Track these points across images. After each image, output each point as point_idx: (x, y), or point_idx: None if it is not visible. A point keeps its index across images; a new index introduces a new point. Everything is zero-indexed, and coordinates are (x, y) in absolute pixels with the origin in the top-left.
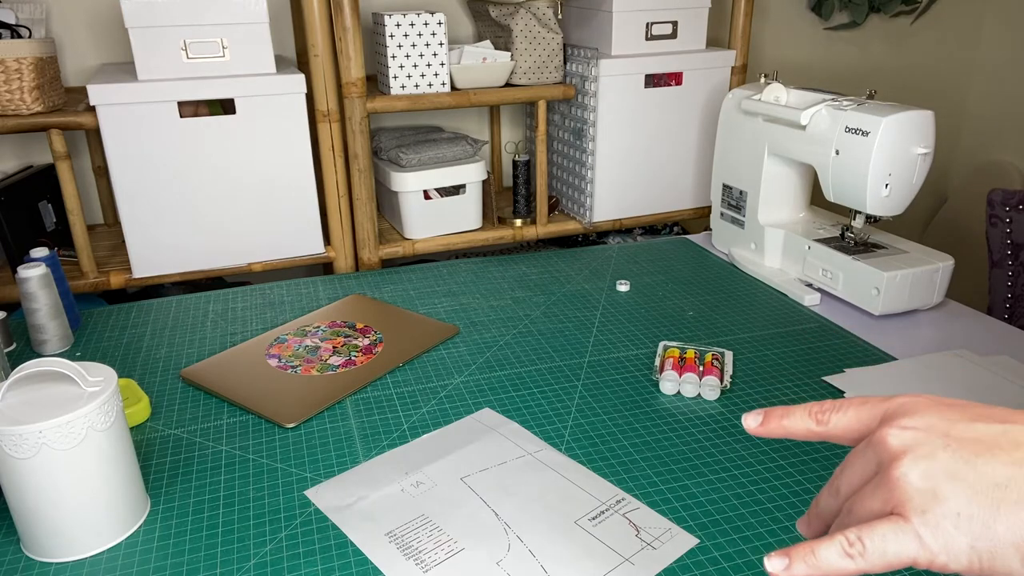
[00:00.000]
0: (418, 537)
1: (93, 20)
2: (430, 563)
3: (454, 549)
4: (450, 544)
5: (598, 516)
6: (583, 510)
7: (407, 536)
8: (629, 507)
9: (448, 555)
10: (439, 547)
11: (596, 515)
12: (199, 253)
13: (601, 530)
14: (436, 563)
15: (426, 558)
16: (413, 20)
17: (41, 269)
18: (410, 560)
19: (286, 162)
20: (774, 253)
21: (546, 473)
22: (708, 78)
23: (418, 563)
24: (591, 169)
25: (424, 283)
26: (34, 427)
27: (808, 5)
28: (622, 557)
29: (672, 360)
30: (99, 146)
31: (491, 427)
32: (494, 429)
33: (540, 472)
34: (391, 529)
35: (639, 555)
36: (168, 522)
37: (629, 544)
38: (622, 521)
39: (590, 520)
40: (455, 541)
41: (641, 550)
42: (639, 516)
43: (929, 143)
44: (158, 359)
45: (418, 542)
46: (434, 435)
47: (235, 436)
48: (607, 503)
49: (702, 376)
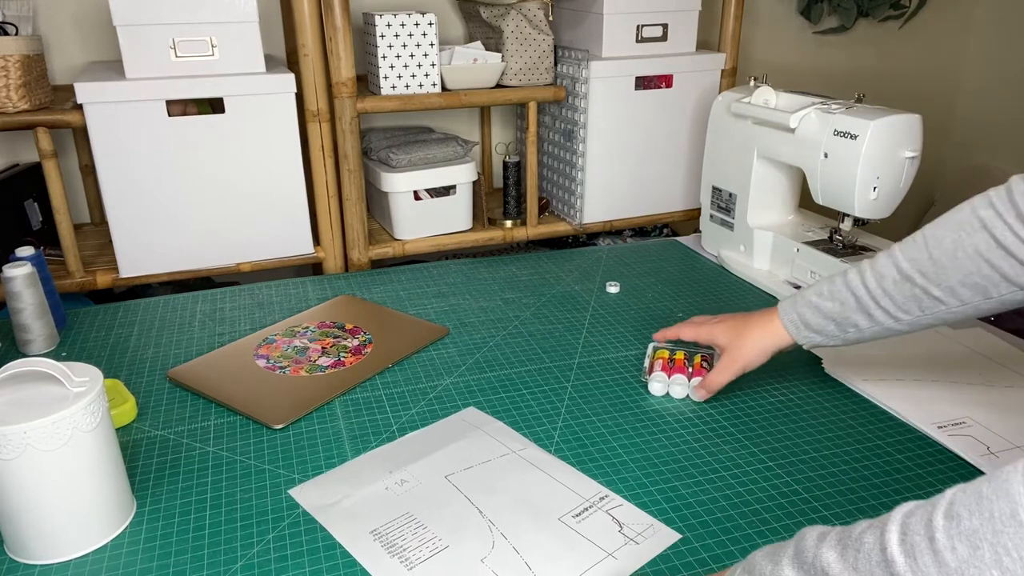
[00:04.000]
0: (403, 535)
1: (81, 18)
2: (414, 560)
3: (438, 547)
4: (434, 542)
5: (582, 513)
6: (567, 507)
7: (392, 534)
8: (612, 504)
9: (432, 553)
10: (423, 545)
11: (580, 511)
12: (187, 253)
13: (584, 526)
14: (421, 560)
15: (410, 556)
16: (404, 20)
17: (26, 268)
18: (395, 558)
19: (275, 162)
20: (763, 255)
21: (530, 471)
22: (698, 81)
23: (403, 560)
24: (581, 171)
25: (414, 284)
26: (19, 428)
27: (797, 9)
28: (605, 552)
29: (662, 361)
30: (86, 144)
31: (475, 425)
32: (478, 427)
33: (524, 470)
34: (375, 527)
35: (622, 550)
36: (154, 524)
37: (612, 539)
38: (605, 517)
39: (573, 516)
40: (439, 539)
41: (624, 545)
42: (622, 512)
43: (917, 147)
44: (145, 359)
45: (402, 540)
46: (418, 434)
47: (222, 437)
48: (590, 500)
49: (691, 377)
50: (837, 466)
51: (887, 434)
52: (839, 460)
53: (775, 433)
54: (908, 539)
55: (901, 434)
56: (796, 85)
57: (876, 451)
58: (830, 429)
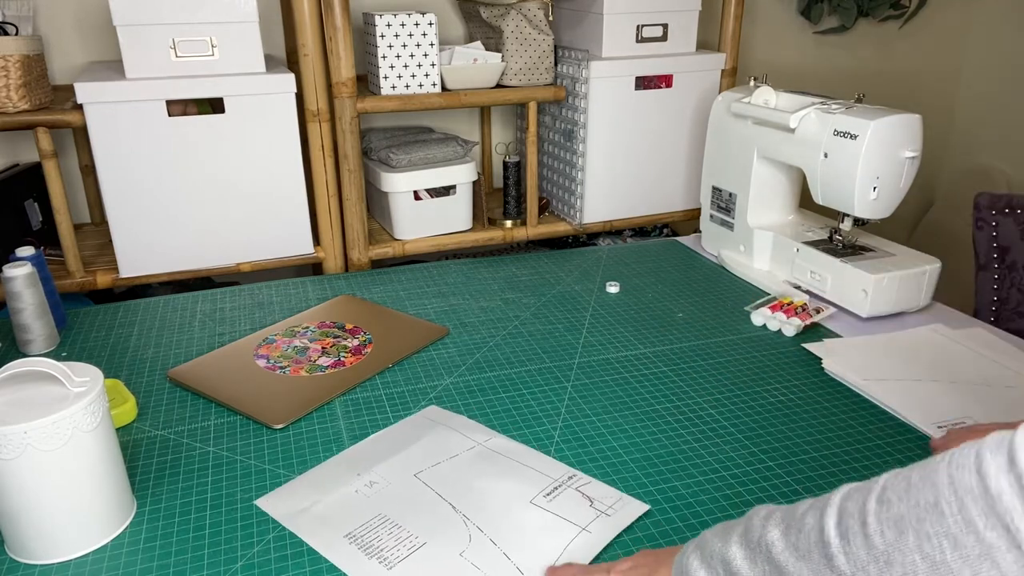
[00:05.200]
0: (378, 536)
1: (81, 18)
2: (393, 560)
3: (415, 544)
4: (411, 540)
5: (552, 492)
6: (537, 488)
7: (367, 536)
8: (581, 482)
9: (410, 551)
10: (400, 544)
11: (550, 491)
12: (187, 253)
13: (556, 504)
14: (399, 559)
15: (388, 555)
16: (404, 20)
17: (27, 268)
18: (373, 559)
19: (275, 162)
20: (763, 255)
21: (498, 460)
22: (698, 81)
23: (381, 561)
24: (581, 171)
25: (414, 284)
26: (19, 427)
27: (798, 9)
28: (579, 527)
29: (779, 303)
30: (86, 144)
31: (438, 421)
32: (441, 423)
33: (492, 460)
34: (350, 531)
35: (595, 523)
36: (154, 524)
37: (584, 514)
38: (575, 495)
39: (545, 496)
40: (415, 536)
41: (596, 519)
42: (591, 489)
43: (917, 147)
44: (145, 359)
45: (378, 541)
46: (380, 435)
47: (223, 437)
48: (559, 479)
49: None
50: (837, 466)
51: (887, 434)
52: (839, 460)
53: (775, 433)
54: (843, 522)
55: (901, 434)
56: (796, 85)
57: (876, 451)
58: (830, 429)
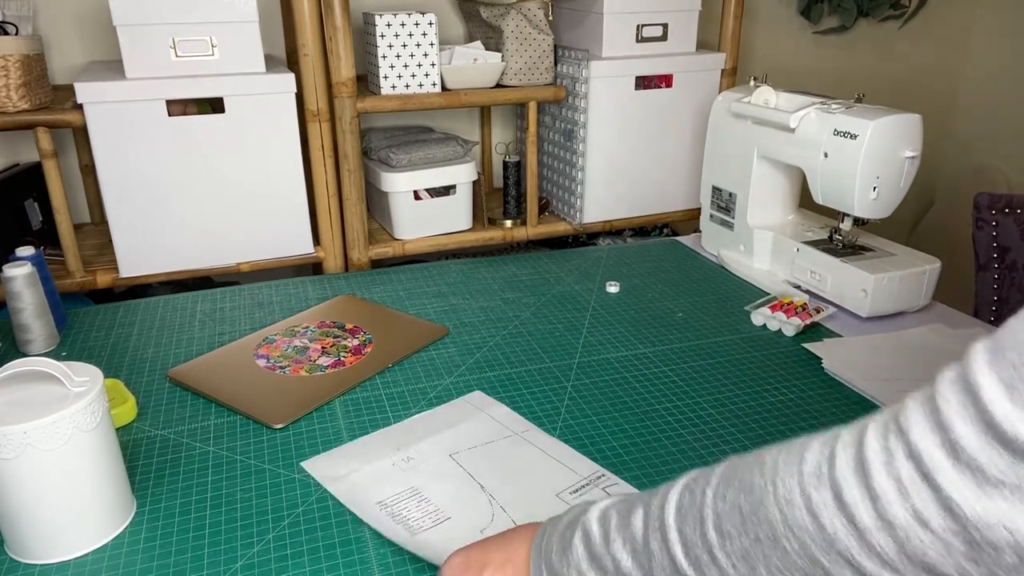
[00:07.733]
0: (407, 507)
1: (81, 17)
2: (417, 529)
3: (440, 518)
4: (437, 513)
5: (579, 490)
6: (564, 484)
7: (397, 505)
8: (608, 482)
9: (435, 523)
10: (426, 516)
11: (577, 488)
12: (187, 253)
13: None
14: (423, 529)
15: (413, 525)
16: (404, 20)
17: (26, 268)
18: (399, 525)
19: (275, 161)
20: (763, 255)
21: (531, 451)
22: (698, 80)
23: (406, 528)
24: (581, 171)
25: (414, 284)
26: (19, 427)
27: (797, 9)
28: None
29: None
30: (86, 144)
31: (480, 408)
32: (482, 410)
33: (525, 450)
34: (382, 499)
35: None
36: (154, 524)
37: None
38: (600, 494)
39: (571, 493)
40: (441, 511)
41: None
42: (617, 490)
43: (917, 147)
44: (145, 359)
45: (407, 511)
46: (425, 415)
47: (223, 437)
48: (588, 478)
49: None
50: None
51: None
52: None
53: (775, 433)
54: (691, 552)
55: None
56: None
57: None
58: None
